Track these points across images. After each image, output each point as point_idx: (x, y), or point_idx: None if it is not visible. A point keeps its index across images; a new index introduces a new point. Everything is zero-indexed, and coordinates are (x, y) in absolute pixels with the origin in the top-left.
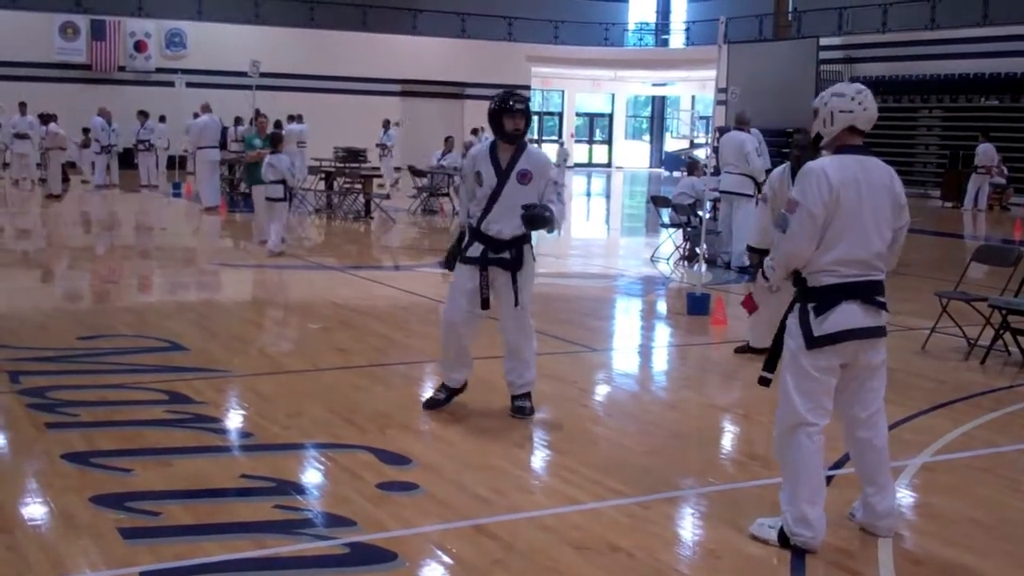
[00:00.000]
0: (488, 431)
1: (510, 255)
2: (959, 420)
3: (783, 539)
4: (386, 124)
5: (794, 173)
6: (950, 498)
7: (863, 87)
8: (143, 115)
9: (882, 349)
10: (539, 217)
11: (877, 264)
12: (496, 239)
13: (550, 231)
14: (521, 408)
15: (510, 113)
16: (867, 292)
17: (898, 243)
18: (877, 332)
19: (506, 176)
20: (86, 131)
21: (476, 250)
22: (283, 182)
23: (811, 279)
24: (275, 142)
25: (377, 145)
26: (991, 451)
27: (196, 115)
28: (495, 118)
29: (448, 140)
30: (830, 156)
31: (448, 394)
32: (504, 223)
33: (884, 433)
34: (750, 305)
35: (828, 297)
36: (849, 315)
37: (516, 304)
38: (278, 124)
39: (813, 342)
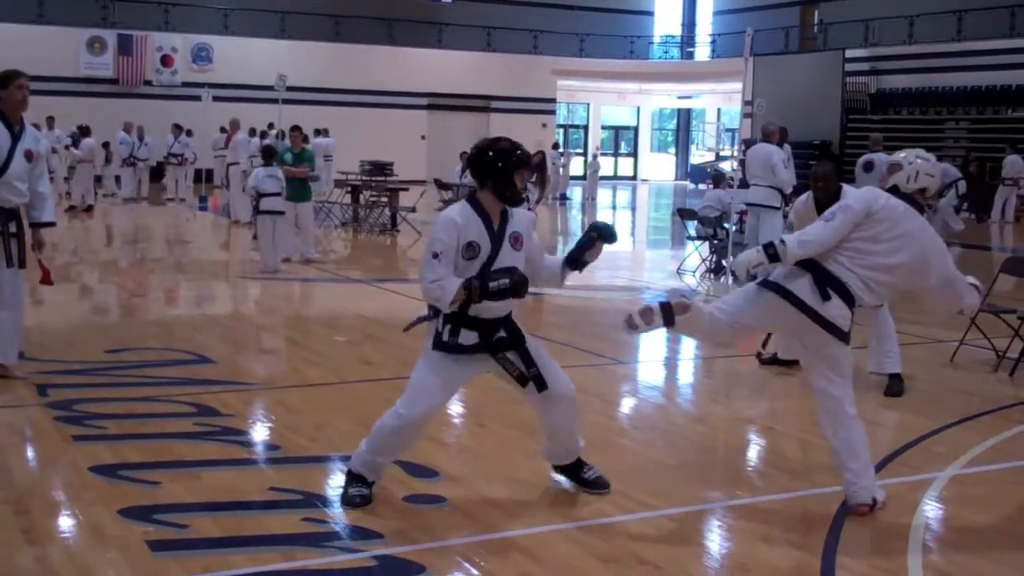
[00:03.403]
0: (515, 443)
1: (506, 332)
2: (988, 433)
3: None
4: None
5: (818, 204)
6: (980, 511)
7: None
8: (177, 128)
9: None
10: (611, 229)
11: None
12: (490, 320)
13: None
14: (599, 480)
15: (523, 167)
16: None
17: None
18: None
19: (500, 242)
20: (106, 145)
21: (470, 338)
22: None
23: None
24: (269, 155)
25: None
26: (1021, 463)
27: (223, 129)
28: (506, 173)
29: (462, 155)
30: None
31: (370, 489)
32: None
33: None
34: None
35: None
36: None
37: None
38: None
39: None
